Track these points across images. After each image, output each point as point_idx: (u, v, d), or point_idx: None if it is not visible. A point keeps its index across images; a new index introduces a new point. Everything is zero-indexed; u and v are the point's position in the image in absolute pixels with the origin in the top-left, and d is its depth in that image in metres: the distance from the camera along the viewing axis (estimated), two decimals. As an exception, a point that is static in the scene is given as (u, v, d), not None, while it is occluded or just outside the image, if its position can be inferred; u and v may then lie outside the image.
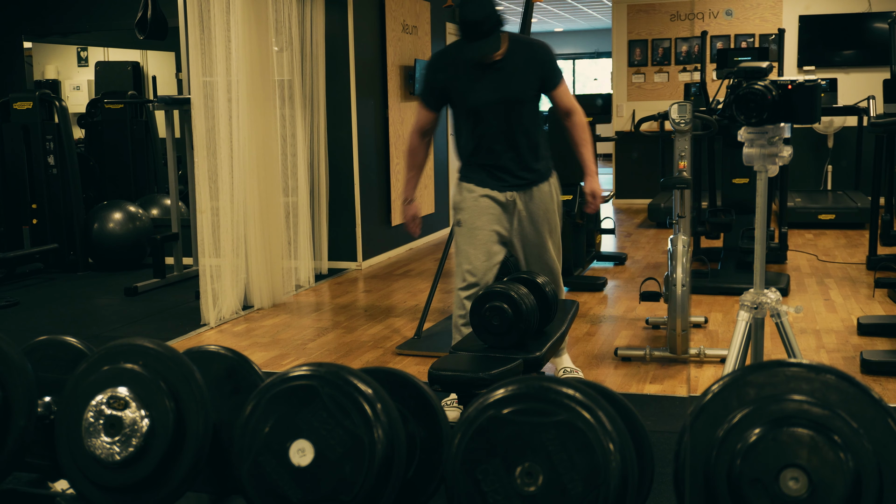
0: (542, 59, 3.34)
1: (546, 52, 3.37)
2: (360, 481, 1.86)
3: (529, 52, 3.33)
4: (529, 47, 3.35)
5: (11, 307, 5.56)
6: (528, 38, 3.42)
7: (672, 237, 4.03)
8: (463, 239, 3.42)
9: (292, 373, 1.98)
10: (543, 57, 3.35)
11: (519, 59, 3.29)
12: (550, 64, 3.36)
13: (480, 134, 3.37)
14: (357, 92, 6.48)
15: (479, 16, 3.12)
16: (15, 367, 2.16)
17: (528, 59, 3.31)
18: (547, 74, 3.35)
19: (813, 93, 2.69)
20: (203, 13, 4.99)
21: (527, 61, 3.31)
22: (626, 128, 9.79)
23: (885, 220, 5.33)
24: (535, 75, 3.32)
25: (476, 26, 3.13)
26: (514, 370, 2.69)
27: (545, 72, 3.34)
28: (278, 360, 4.26)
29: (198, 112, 5.04)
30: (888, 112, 5.35)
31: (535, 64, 3.32)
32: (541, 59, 3.34)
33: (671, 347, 3.98)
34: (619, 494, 1.73)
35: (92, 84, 9.37)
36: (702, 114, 4.60)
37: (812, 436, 1.57)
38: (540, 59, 3.34)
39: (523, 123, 3.35)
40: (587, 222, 6.04)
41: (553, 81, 3.38)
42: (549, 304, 3.00)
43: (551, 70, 3.36)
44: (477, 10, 3.13)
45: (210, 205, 5.08)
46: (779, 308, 2.90)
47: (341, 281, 6.22)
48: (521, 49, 3.31)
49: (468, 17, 3.13)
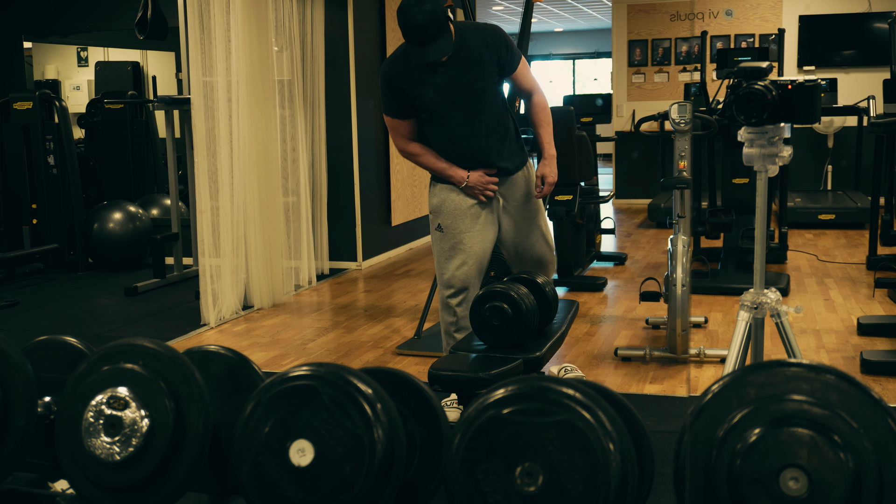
0: (496, 44, 3.15)
1: (497, 35, 3.18)
2: (360, 481, 1.86)
3: (481, 39, 3.13)
4: (480, 34, 3.15)
5: (11, 307, 5.56)
6: (476, 24, 3.20)
7: (672, 237, 4.03)
8: (446, 244, 3.28)
9: (292, 373, 1.98)
10: (497, 41, 3.16)
11: (472, 50, 3.11)
12: (505, 46, 3.17)
13: (447, 136, 3.23)
14: (357, 92, 6.48)
15: (421, 20, 2.91)
16: (15, 367, 2.16)
17: (482, 47, 3.13)
18: (503, 58, 3.17)
19: (813, 93, 2.69)
20: (203, 13, 4.99)
21: (480, 50, 3.12)
22: (626, 128, 9.79)
23: (885, 220, 5.33)
24: (491, 62, 3.15)
25: (421, 32, 2.93)
26: (514, 370, 2.69)
27: (501, 56, 3.16)
28: (278, 360, 4.26)
29: (198, 112, 5.04)
30: (888, 112, 5.35)
31: (490, 51, 3.14)
32: (494, 44, 3.15)
33: (671, 347, 3.98)
34: (619, 494, 1.73)
35: (92, 84, 9.38)
36: (702, 114, 4.60)
37: (812, 436, 1.57)
38: (493, 44, 3.15)
39: (490, 112, 3.20)
40: (587, 222, 6.04)
41: (511, 64, 3.20)
42: (549, 304, 2.99)
43: (507, 53, 3.17)
44: (418, 14, 2.91)
45: (210, 205, 5.08)
46: (779, 308, 2.90)
47: (341, 281, 6.22)
48: (471, 38, 3.12)
49: (410, 23, 2.92)
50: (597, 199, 6.06)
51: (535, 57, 17.98)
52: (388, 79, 3.18)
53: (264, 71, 5.32)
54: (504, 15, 14.65)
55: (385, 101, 3.25)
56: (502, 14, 14.52)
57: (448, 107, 3.18)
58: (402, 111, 3.23)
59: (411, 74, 3.13)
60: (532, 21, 5.40)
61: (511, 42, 3.21)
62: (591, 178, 5.96)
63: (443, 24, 2.95)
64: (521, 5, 5.41)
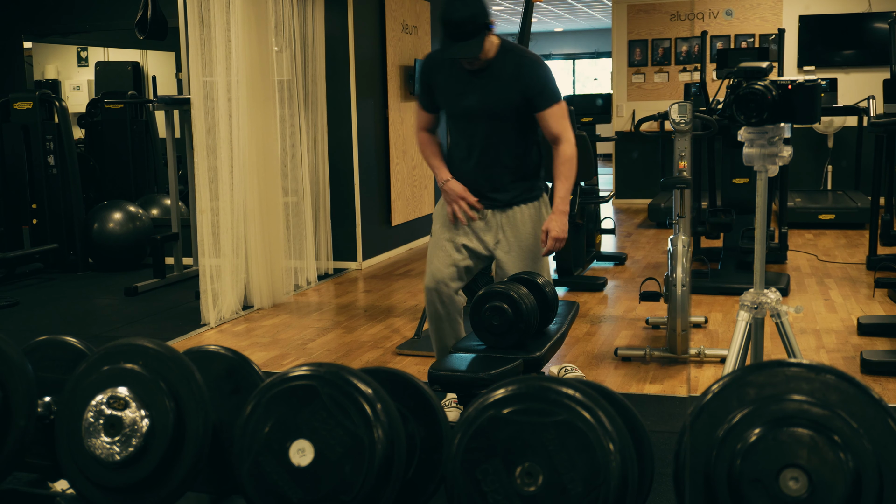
0: (529, 75, 3.04)
1: (535, 67, 3.05)
2: (360, 481, 1.86)
3: (516, 64, 3.04)
4: (518, 58, 3.05)
5: (11, 307, 5.56)
6: (521, 50, 3.10)
7: (672, 237, 4.03)
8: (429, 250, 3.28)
9: (292, 373, 1.98)
10: (531, 73, 3.04)
11: (503, 70, 3.03)
12: (539, 81, 3.05)
13: (459, 142, 3.20)
14: (357, 92, 6.48)
15: (462, 15, 2.87)
16: (15, 367, 2.16)
17: (514, 72, 3.03)
18: (533, 93, 3.04)
19: (813, 93, 2.69)
20: (203, 13, 4.99)
21: (511, 74, 3.03)
22: (626, 128, 9.79)
23: (885, 220, 5.33)
24: (517, 91, 3.04)
25: (458, 26, 2.89)
26: (514, 370, 2.69)
27: (530, 90, 3.04)
28: (278, 360, 4.26)
29: (198, 112, 5.04)
30: (888, 112, 5.35)
31: (521, 79, 3.03)
32: (527, 74, 3.04)
33: (671, 347, 3.98)
34: (619, 494, 1.73)
35: (92, 84, 9.38)
36: (702, 114, 4.60)
37: (812, 436, 1.57)
38: (526, 73, 3.04)
39: (502, 141, 3.12)
40: (587, 222, 6.04)
41: (540, 102, 3.05)
42: (549, 304, 2.99)
43: (539, 89, 3.05)
44: (461, 8, 2.88)
45: (210, 205, 5.08)
46: (779, 308, 2.90)
47: (341, 281, 6.22)
48: (509, 59, 3.04)
49: (450, 17, 2.89)
50: (597, 199, 6.06)
51: (535, 57, 17.96)
52: (425, 70, 3.22)
53: (264, 71, 5.32)
54: (504, 15, 14.65)
55: (418, 88, 3.31)
56: (502, 14, 14.52)
57: (460, 117, 3.16)
58: (427, 102, 3.26)
59: (443, 70, 3.14)
60: (532, 21, 5.40)
61: (546, 81, 3.07)
62: (591, 178, 5.96)
63: (480, 27, 2.90)
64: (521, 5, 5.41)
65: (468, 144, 3.17)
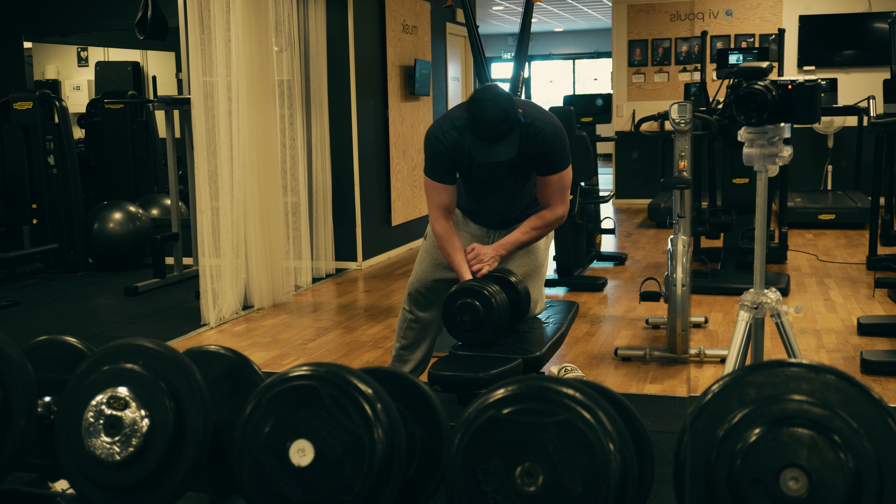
0: (539, 147, 2.93)
1: (547, 141, 2.92)
2: (360, 481, 1.86)
3: (540, 142, 2.91)
4: (540, 136, 2.91)
5: (11, 307, 5.56)
6: (542, 123, 2.91)
7: (672, 237, 4.03)
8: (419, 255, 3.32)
9: (292, 373, 1.98)
10: (543, 145, 2.93)
11: (527, 146, 2.90)
12: (545, 153, 2.95)
13: (472, 192, 3.13)
14: (357, 92, 6.48)
15: (493, 116, 2.72)
16: (15, 367, 2.16)
17: (536, 149, 2.93)
18: (547, 162, 2.97)
19: (813, 93, 2.69)
20: (203, 13, 4.99)
21: (534, 150, 2.93)
22: (626, 128, 9.79)
23: (885, 220, 5.33)
24: (540, 161, 2.98)
25: (492, 128, 2.74)
26: (514, 370, 2.69)
27: (547, 160, 2.97)
28: (278, 360, 4.26)
29: (198, 112, 5.04)
30: (888, 112, 5.35)
31: (542, 154, 2.95)
32: (547, 150, 2.94)
33: (671, 347, 3.98)
34: (619, 494, 1.73)
35: (92, 84, 9.37)
36: (702, 114, 4.60)
37: (812, 436, 1.57)
38: (546, 150, 2.94)
39: (514, 184, 3.06)
40: (587, 222, 6.04)
41: (541, 169, 2.98)
42: (521, 302, 2.98)
43: (554, 160, 2.96)
44: (492, 109, 2.72)
45: (210, 205, 5.08)
46: (779, 308, 2.90)
47: (341, 281, 6.22)
48: (532, 136, 2.90)
49: (483, 118, 2.73)
50: (597, 199, 6.06)
51: (536, 57, 17.97)
52: (440, 152, 2.98)
53: (264, 71, 5.32)
54: (504, 15, 14.64)
55: (429, 166, 3.04)
56: (502, 14, 14.52)
57: (482, 180, 3.06)
58: (443, 176, 3.04)
59: (462, 155, 2.96)
60: (532, 21, 5.40)
61: (556, 153, 2.95)
62: (591, 178, 5.96)
63: (513, 126, 2.77)
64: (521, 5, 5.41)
65: (477, 190, 3.12)
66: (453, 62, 8.83)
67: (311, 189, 6.21)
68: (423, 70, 7.50)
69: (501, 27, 16.63)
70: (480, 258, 3.00)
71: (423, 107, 7.68)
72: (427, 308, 3.33)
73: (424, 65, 7.54)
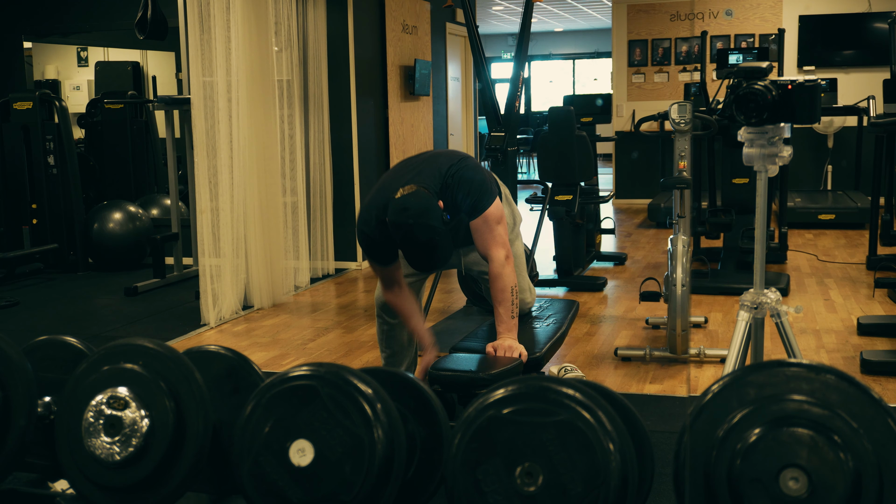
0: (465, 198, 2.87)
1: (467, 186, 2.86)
2: (360, 481, 1.86)
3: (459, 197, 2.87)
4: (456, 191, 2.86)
5: (11, 307, 5.56)
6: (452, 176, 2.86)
7: (672, 237, 4.03)
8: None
9: (292, 373, 1.98)
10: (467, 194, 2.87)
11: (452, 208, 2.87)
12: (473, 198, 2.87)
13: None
14: (357, 92, 6.48)
15: (423, 237, 2.71)
16: (15, 367, 2.16)
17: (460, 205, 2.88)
18: (470, 209, 2.88)
19: (813, 93, 2.69)
20: (203, 13, 4.99)
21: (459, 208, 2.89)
22: (626, 128, 9.79)
23: (885, 220, 5.33)
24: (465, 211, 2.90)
25: (422, 247, 2.74)
26: (514, 370, 2.69)
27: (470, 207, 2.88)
28: (278, 360, 4.26)
29: (198, 112, 5.04)
30: (888, 112, 5.34)
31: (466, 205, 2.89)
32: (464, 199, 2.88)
33: (671, 347, 3.98)
34: (619, 494, 1.73)
35: (92, 84, 9.37)
36: (702, 114, 4.60)
37: (812, 436, 1.57)
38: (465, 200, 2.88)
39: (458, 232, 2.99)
40: (587, 222, 6.04)
41: (471, 212, 2.88)
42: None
43: (475, 203, 2.87)
44: (418, 230, 2.69)
45: (210, 205, 5.08)
46: (779, 308, 2.90)
47: (341, 281, 6.22)
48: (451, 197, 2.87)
49: (410, 241, 2.73)
50: (597, 199, 6.06)
51: (535, 57, 17.97)
52: (368, 245, 2.97)
53: (264, 71, 5.32)
54: (504, 15, 14.65)
55: (364, 252, 3.06)
56: (502, 14, 14.52)
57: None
58: (380, 258, 3.03)
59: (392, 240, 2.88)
60: (532, 21, 5.40)
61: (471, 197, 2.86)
62: (591, 178, 5.96)
63: (444, 233, 2.73)
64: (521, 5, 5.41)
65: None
66: (453, 62, 8.83)
67: (311, 189, 6.21)
68: (423, 70, 7.50)
69: (501, 27, 16.63)
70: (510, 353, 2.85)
71: (423, 107, 7.69)
72: (396, 315, 3.28)
73: (424, 65, 7.54)
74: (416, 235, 2.71)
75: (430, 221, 2.70)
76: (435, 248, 2.73)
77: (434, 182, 2.86)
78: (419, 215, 2.70)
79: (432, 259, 2.77)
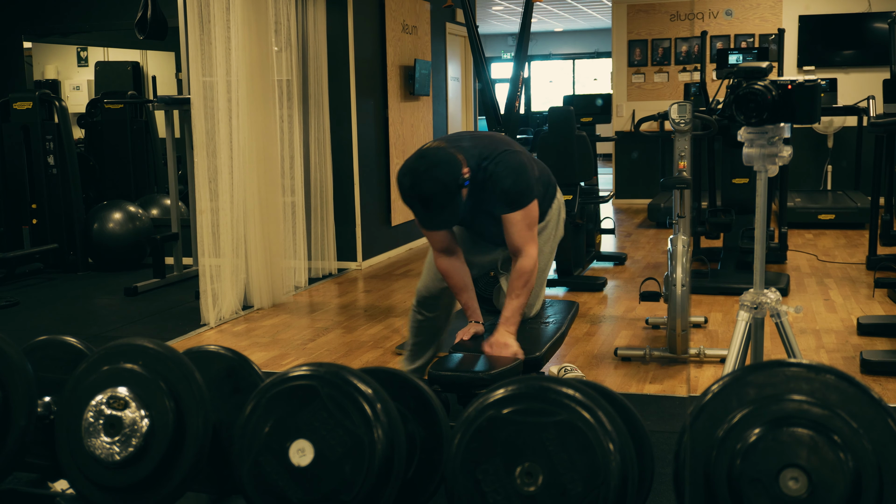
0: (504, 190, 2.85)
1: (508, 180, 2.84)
2: (360, 481, 1.86)
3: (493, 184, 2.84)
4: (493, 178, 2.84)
5: (11, 307, 5.56)
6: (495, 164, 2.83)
7: (672, 237, 4.03)
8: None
9: (292, 373, 1.98)
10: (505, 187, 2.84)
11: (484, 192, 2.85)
12: (512, 193, 2.85)
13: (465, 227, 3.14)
14: (357, 92, 6.48)
15: (430, 189, 2.65)
16: (15, 367, 2.16)
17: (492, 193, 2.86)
18: (505, 200, 2.86)
19: (813, 93, 2.69)
20: (203, 13, 4.99)
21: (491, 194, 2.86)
22: (626, 128, 9.79)
23: (885, 220, 5.33)
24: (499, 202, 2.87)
25: (426, 202, 2.69)
26: (514, 370, 2.69)
27: (505, 198, 2.86)
28: (278, 360, 4.26)
29: (198, 112, 5.04)
30: (888, 112, 5.34)
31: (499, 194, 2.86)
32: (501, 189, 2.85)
33: (671, 347, 3.98)
34: (619, 494, 1.73)
35: (92, 84, 9.37)
36: (702, 114, 4.60)
37: (812, 436, 1.57)
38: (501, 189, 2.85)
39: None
40: (587, 222, 6.04)
41: (507, 206, 2.86)
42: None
43: (513, 197, 2.86)
44: (426, 182, 2.65)
45: (210, 205, 5.08)
46: (779, 308, 2.90)
47: (341, 281, 6.22)
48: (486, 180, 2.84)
49: (415, 191, 2.67)
50: (597, 199, 6.06)
51: (536, 57, 17.97)
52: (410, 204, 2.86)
53: (264, 71, 5.32)
54: (504, 15, 14.64)
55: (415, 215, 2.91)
56: (502, 14, 14.52)
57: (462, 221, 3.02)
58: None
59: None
60: (532, 21, 5.40)
61: (510, 190, 2.85)
62: (591, 178, 5.96)
63: (452, 195, 2.67)
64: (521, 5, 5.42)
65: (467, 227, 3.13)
66: (453, 62, 8.83)
67: (311, 189, 6.21)
68: (423, 70, 7.50)
69: (501, 27, 16.63)
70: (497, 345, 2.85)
71: (422, 107, 7.68)
72: (434, 309, 3.35)
73: (424, 65, 7.54)
74: (422, 185, 2.66)
75: (441, 176, 2.66)
76: (437, 205, 2.68)
77: (473, 152, 2.84)
78: (433, 166, 2.68)
79: (430, 214, 2.72)
